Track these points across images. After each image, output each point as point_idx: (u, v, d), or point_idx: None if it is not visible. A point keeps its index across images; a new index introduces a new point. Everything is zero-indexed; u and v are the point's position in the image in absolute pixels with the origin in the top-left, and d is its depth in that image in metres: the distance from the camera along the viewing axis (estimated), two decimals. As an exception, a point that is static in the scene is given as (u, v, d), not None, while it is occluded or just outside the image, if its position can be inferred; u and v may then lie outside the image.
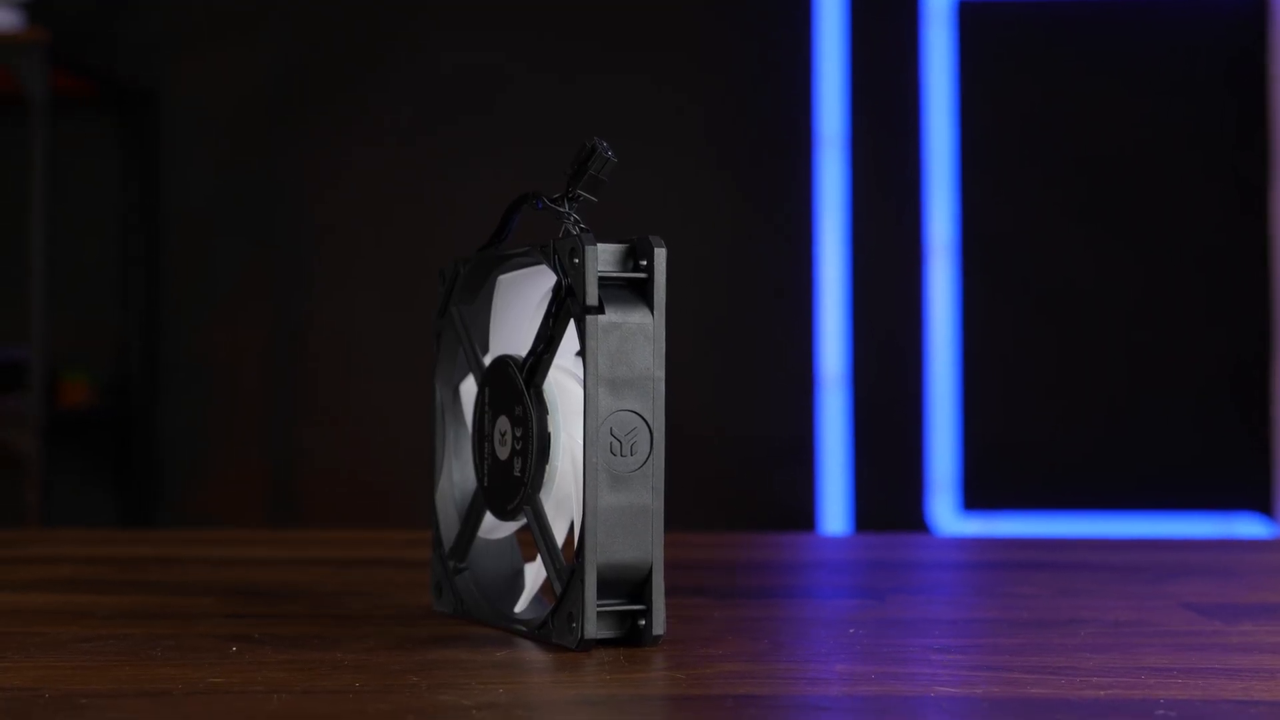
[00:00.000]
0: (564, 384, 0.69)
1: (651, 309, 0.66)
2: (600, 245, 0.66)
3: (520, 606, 0.72)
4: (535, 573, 0.72)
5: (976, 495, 2.63)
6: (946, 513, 2.62)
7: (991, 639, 0.71)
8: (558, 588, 0.67)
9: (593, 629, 0.64)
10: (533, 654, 0.65)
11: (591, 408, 0.64)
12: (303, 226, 2.74)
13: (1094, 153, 2.66)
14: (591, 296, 0.65)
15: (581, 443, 0.66)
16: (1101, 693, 0.57)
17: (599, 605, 0.65)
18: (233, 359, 2.73)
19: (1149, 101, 2.66)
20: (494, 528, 0.74)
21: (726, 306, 2.67)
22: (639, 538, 0.65)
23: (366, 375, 2.69)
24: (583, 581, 0.64)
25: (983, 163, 2.65)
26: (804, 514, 2.63)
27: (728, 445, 2.66)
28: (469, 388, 0.77)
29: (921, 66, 2.66)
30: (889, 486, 2.65)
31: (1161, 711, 0.53)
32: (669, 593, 0.83)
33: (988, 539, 1.41)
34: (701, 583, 0.91)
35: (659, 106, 2.69)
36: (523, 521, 0.71)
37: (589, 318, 0.64)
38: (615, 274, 0.66)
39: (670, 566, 0.97)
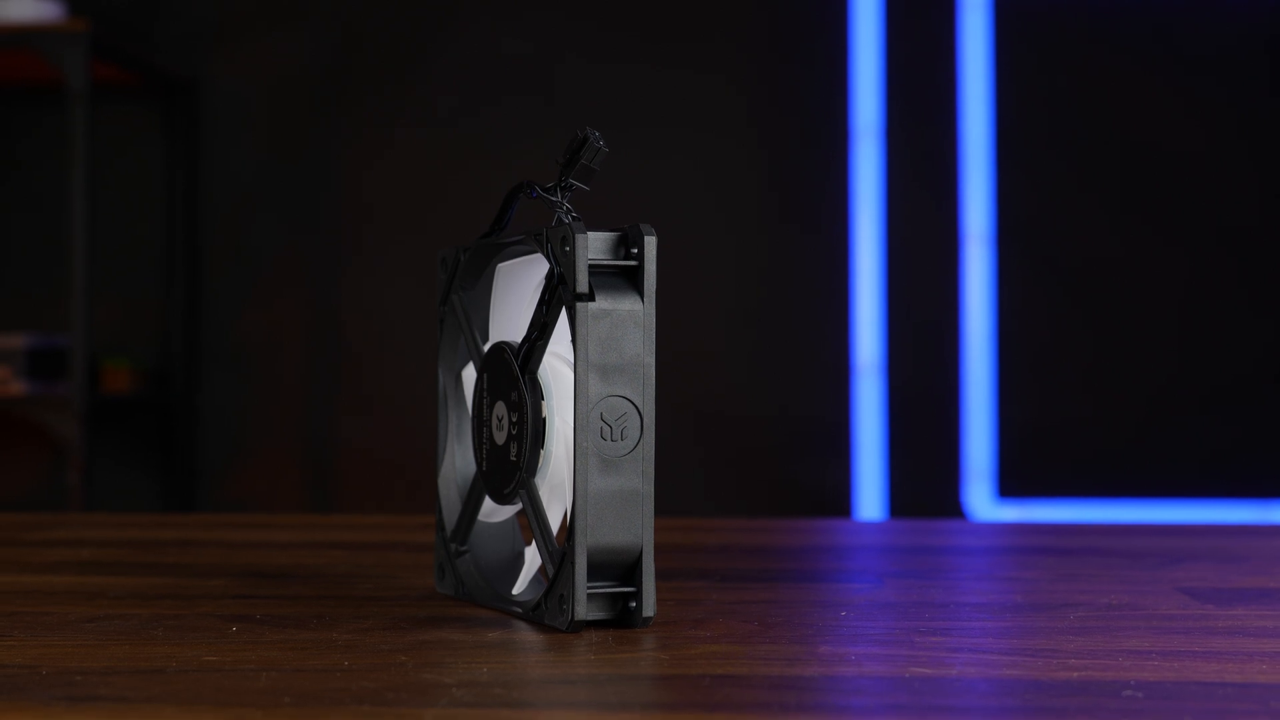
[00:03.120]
0: (559, 370, 0.70)
1: (642, 296, 0.67)
2: (591, 233, 0.67)
3: (518, 588, 0.74)
4: (534, 555, 0.74)
5: (1013, 483, 2.63)
6: (983, 500, 2.62)
7: (979, 622, 0.72)
8: (551, 570, 0.68)
9: (583, 611, 0.65)
10: (525, 635, 0.66)
11: (581, 393, 0.65)
12: (341, 213, 2.77)
13: (1130, 140, 2.65)
14: (581, 284, 0.66)
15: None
16: (1075, 674, 0.57)
17: (590, 587, 0.66)
18: (272, 345, 2.76)
19: (1185, 88, 2.64)
20: (493, 511, 0.76)
21: (763, 294, 2.67)
22: (629, 521, 0.66)
23: (403, 361, 2.71)
24: (573, 564, 0.65)
25: (1018, 150, 2.64)
26: (840, 501, 2.64)
27: (764, 432, 2.67)
28: (470, 374, 0.78)
29: (958, 55, 2.65)
30: (925, 474, 2.65)
31: (1129, 692, 0.54)
32: (671, 575, 0.84)
33: (1009, 525, 1.41)
34: (707, 566, 0.92)
35: (696, 96, 2.70)
36: (520, 505, 0.72)
37: (579, 305, 0.65)
38: (606, 262, 0.67)
39: (684, 550, 0.98)
